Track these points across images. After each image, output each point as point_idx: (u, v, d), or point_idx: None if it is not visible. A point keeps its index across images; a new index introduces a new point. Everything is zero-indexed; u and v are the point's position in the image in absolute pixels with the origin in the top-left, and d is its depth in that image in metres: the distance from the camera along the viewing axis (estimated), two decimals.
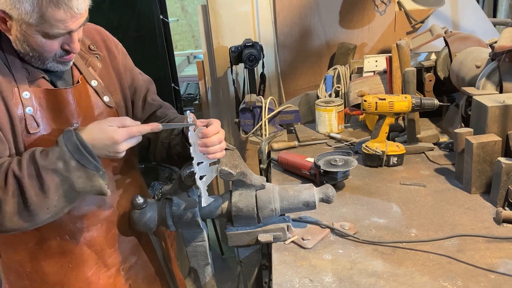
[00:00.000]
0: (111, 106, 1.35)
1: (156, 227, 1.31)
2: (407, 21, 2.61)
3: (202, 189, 1.22)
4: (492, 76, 1.64)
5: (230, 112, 2.82)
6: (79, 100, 1.27)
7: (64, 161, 1.10)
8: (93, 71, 1.33)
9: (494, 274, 1.10)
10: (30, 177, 1.09)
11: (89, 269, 1.37)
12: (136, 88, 1.46)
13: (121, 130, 1.12)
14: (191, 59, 5.86)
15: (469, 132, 1.48)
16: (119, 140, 1.12)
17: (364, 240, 1.26)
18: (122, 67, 1.41)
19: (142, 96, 1.47)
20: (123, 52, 1.44)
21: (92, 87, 1.31)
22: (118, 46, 1.43)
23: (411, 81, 1.78)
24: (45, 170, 1.09)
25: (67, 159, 1.10)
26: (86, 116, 1.29)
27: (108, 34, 1.42)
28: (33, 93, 1.20)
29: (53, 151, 1.11)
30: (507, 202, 1.36)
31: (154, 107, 1.49)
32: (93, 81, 1.32)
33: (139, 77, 1.48)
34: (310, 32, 2.65)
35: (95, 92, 1.32)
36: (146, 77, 1.53)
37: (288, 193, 1.27)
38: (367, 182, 1.61)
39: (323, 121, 2.04)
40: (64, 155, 1.10)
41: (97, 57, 1.35)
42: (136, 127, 1.15)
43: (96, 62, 1.34)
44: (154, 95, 1.53)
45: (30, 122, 1.19)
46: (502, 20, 2.86)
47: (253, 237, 1.28)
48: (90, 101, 1.30)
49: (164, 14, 2.88)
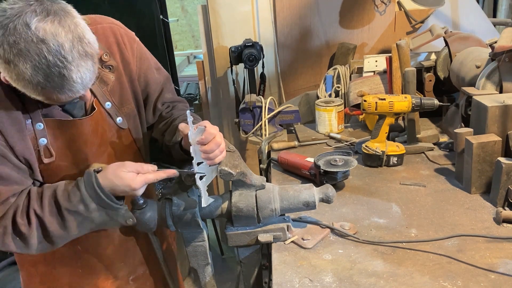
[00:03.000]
0: (124, 128, 1.37)
1: (156, 227, 1.31)
2: (407, 21, 2.61)
3: (202, 189, 1.22)
4: (492, 76, 1.64)
5: (230, 112, 2.82)
6: (94, 127, 1.30)
7: (84, 204, 1.16)
8: (106, 90, 1.32)
9: (494, 274, 1.09)
10: (52, 214, 1.17)
11: (98, 277, 1.45)
12: (149, 93, 1.44)
13: (138, 178, 1.18)
14: (191, 59, 5.87)
15: (469, 132, 1.48)
16: (136, 188, 1.18)
17: (364, 240, 1.26)
18: (136, 74, 1.39)
19: (154, 100, 1.46)
20: (138, 54, 1.40)
21: (105, 110, 1.32)
22: (133, 47, 1.38)
23: (411, 81, 1.78)
24: (67, 211, 1.17)
25: (88, 203, 1.16)
26: (101, 142, 1.32)
27: (123, 34, 1.37)
28: (47, 124, 1.22)
29: (75, 194, 1.17)
30: (507, 202, 1.36)
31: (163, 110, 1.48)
32: (107, 103, 1.32)
33: (153, 80, 1.44)
34: (310, 32, 2.65)
35: (109, 115, 1.33)
36: (163, 75, 1.49)
37: (288, 193, 1.27)
38: (367, 182, 1.61)
39: (323, 121, 2.04)
40: (85, 199, 1.16)
41: (110, 69, 1.31)
42: (153, 175, 1.21)
43: (108, 75, 1.31)
44: (169, 93, 1.50)
45: (44, 152, 1.23)
46: (502, 20, 2.86)
47: (253, 237, 1.28)
48: (104, 125, 1.33)
49: (164, 14, 2.88)
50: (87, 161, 1.30)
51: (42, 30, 0.98)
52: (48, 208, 1.16)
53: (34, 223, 1.16)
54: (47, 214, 1.16)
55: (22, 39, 0.98)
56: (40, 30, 0.98)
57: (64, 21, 1.02)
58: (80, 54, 1.03)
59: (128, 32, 1.39)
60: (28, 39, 0.98)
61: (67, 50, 1.01)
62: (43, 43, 0.98)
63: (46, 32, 0.99)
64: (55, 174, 1.27)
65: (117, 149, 1.37)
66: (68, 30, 1.02)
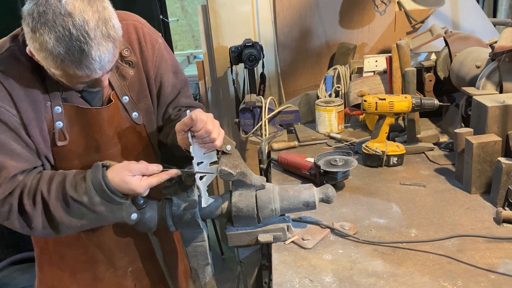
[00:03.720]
0: (139, 123, 1.39)
1: (156, 227, 1.31)
2: (407, 21, 2.61)
3: (202, 189, 1.22)
4: (492, 76, 1.64)
5: (230, 112, 2.82)
6: (109, 118, 1.32)
7: (89, 197, 1.18)
8: (125, 85, 1.34)
9: (494, 274, 1.09)
10: (57, 199, 1.19)
11: (98, 265, 1.47)
12: (162, 95, 1.45)
13: (142, 183, 1.20)
14: (191, 59, 5.86)
15: (469, 132, 1.48)
16: (140, 193, 1.22)
17: (364, 240, 1.26)
18: (153, 73, 1.40)
19: (166, 103, 1.47)
20: (159, 55, 1.41)
21: (122, 104, 1.34)
22: (154, 47, 1.40)
23: (411, 81, 1.78)
24: (73, 200, 1.18)
25: (92, 195, 1.18)
26: (114, 133, 1.34)
27: (146, 32, 1.39)
28: (65, 109, 1.26)
29: (81, 186, 1.19)
30: (507, 202, 1.36)
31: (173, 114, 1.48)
32: (124, 97, 1.34)
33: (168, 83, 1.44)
34: (310, 32, 2.65)
35: (125, 109, 1.35)
36: (180, 79, 1.49)
37: (288, 193, 1.27)
38: (367, 182, 1.61)
39: (323, 121, 2.04)
40: (90, 192, 1.18)
41: (130, 64, 1.34)
42: (156, 178, 1.22)
43: (128, 70, 1.34)
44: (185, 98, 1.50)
45: (59, 135, 1.26)
46: (502, 20, 2.86)
47: (253, 237, 1.28)
48: (119, 118, 1.35)
49: (164, 14, 2.88)
50: (99, 149, 1.33)
51: (71, 5, 1.04)
52: (54, 193, 1.18)
53: (39, 205, 1.18)
54: (53, 198, 1.18)
55: (51, 10, 1.03)
56: (69, 5, 1.04)
57: (94, 2, 1.07)
58: (103, 34, 1.08)
59: (152, 32, 1.41)
60: (57, 11, 1.03)
61: (91, 28, 1.05)
62: (70, 16, 1.03)
63: (75, 7, 1.04)
64: (66, 158, 1.30)
65: (130, 142, 1.39)
66: (95, 10, 1.07)
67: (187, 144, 1.22)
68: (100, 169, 1.19)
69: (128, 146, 1.39)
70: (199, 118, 1.15)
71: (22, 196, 1.19)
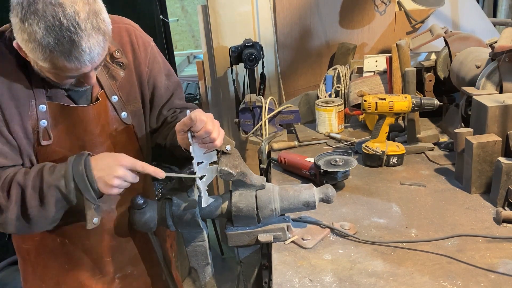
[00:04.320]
0: (128, 124, 1.37)
1: (156, 227, 1.31)
2: (407, 21, 2.61)
3: (202, 189, 1.22)
4: (492, 76, 1.64)
5: (230, 112, 2.82)
6: (95, 116, 1.30)
7: (66, 180, 1.15)
8: (114, 84, 1.33)
9: (494, 274, 1.09)
10: (34, 189, 1.16)
11: (84, 273, 1.44)
12: (155, 97, 1.44)
13: (128, 158, 1.18)
14: (191, 59, 5.86)
15: (469, 132, 1.48)
16: (122, 162, 1.17)
17: (364, 240, 1.26)
18: (146, 75, 1.40)
19: (160, 105, 1.46)
20: (151, 57, 1.41)
21: (111, 103, 1.33)
22: (147, 49, 1.40)
23: (411, 81, 1.78)
24: (48, 185, 1.16)
25: (69, 180, 1.15)
26: (101, 132, 1.32)
27: (138, 35, 1.38)
28: (49, 107, 1.23)
29: (60, 169, 1.17)
30: (507, 202, 1.36)
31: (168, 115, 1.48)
32: (113, 97, 1.33)
33: (162, 85, 1.45)
34: (310, 32, 2.65)
35: (114, 108, 1.34)
36: (173, 81, 1.50)
37: (288, 193, 1.27)
38: (367, 182, 1.61)
39: (323, 121, 2.04)
40: (67, 175, 1.15)
41: (120, 65, 1.33)
42: (141, 163, 1.20)
43: (118, 71, 1.33)
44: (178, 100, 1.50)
45: (43, 134, 1.24)
46: (502, 20, 2.86)
47: (253, 237, 1.28)
48: (107, 117, 1.33)
49: (164, 14, 2.88)
50: (84, 148, 1.29)
51: None
52: (31, 182, 1.16)
53: (14, 196, 1.16)
54: (30, 187, 1.16)
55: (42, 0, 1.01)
56: None
57: None
58: (94, 26, 1.06)
59: (144, 35, 1.41)
60: (47, 1, 1.01)
61: (81, 19, 1.04)
62: (60, 6, 1.02)
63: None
64: (50, 159, 1.27)
65: (118, 142, 1.37)
66: (86, 3, 1.05)
67: (187, 144, 1.22)
68: (84, 156, 1.17)
69: (115, 146, 1.37)
70: (198, 118, 1.15)
71: None
